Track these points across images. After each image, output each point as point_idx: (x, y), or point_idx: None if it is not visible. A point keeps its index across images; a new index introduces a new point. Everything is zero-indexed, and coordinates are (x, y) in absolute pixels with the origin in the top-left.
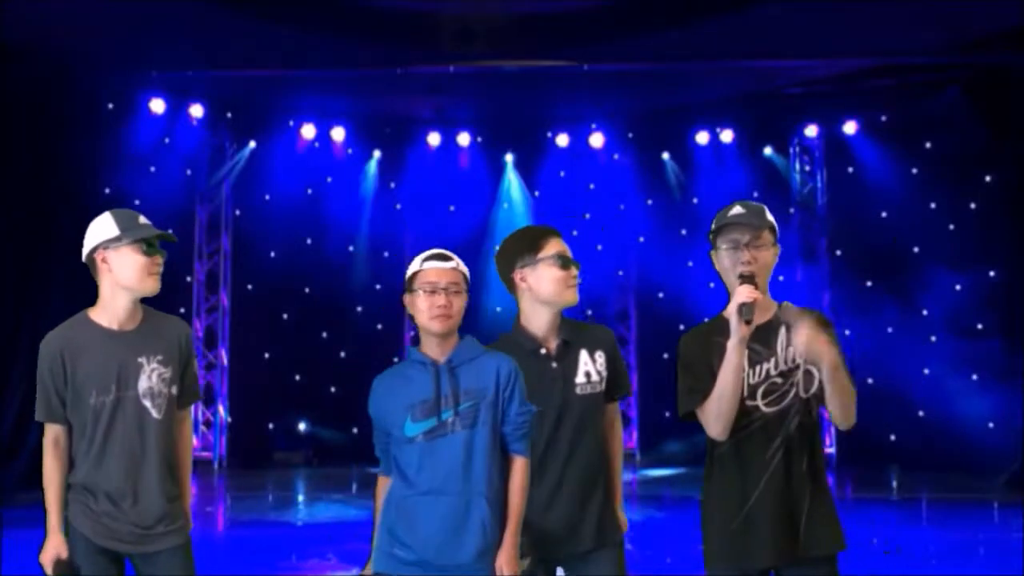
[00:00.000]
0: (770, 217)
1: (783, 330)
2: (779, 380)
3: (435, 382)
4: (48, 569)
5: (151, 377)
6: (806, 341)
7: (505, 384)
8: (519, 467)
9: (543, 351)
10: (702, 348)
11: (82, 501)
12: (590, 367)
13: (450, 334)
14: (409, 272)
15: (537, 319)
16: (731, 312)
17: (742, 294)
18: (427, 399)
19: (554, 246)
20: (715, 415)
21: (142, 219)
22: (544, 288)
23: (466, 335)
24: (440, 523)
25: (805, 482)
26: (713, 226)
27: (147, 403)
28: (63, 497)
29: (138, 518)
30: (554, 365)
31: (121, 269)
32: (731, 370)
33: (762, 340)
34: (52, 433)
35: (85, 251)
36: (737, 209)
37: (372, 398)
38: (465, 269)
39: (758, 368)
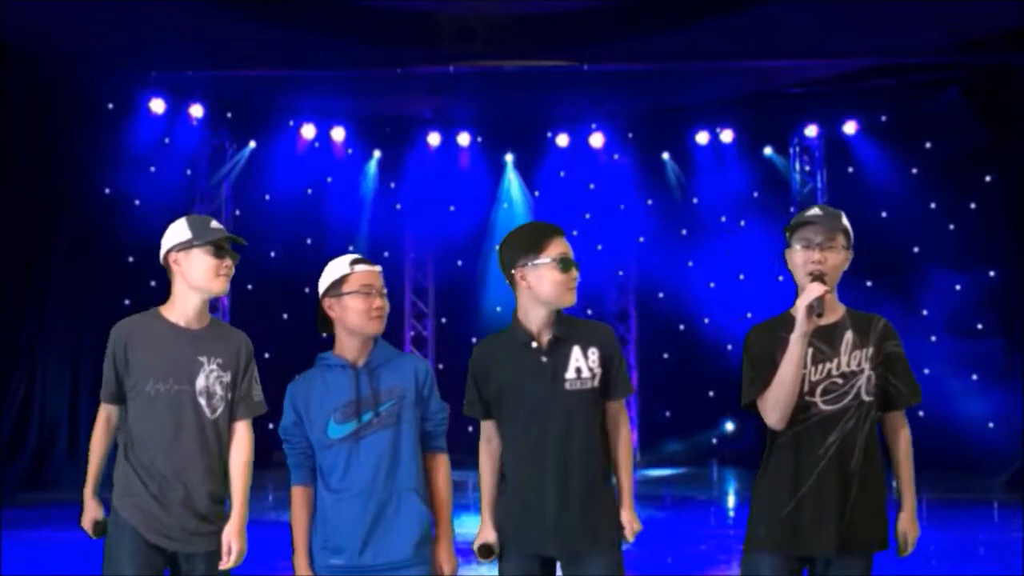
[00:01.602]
0: (846, 222)
1: (849, 334)
2: (839, 380)
3: (355, 384)
4: (90, 531)
5: (208, 377)
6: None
7: (423, 383)
8: (442, 463)
9: (534, 345)
10: (768, 341)
11: (134, 491)
12: (582, 363)
13: (376, 334)
14: (335, 275)
15: (533, 315)
16: (800, 306)
17: (813, 290)
18: (348, 401)
19: (556, 247)
20: (772, 404)
21: (214, 224)
22: (543, 289)
23: (379, 339)
24: (373, 523)
25: (855, 479)
26: (790, 223)
27: (202, 401)
28: (101, 470)
29: (187, 513)
30: (543, 359)
31: (192, 271)
32: (792, 362)
33: (827, 340)
34: (105, 411)
35: (161, 253)
36: (815, 210)
37: (290, 405)
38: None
39: (820, 367)
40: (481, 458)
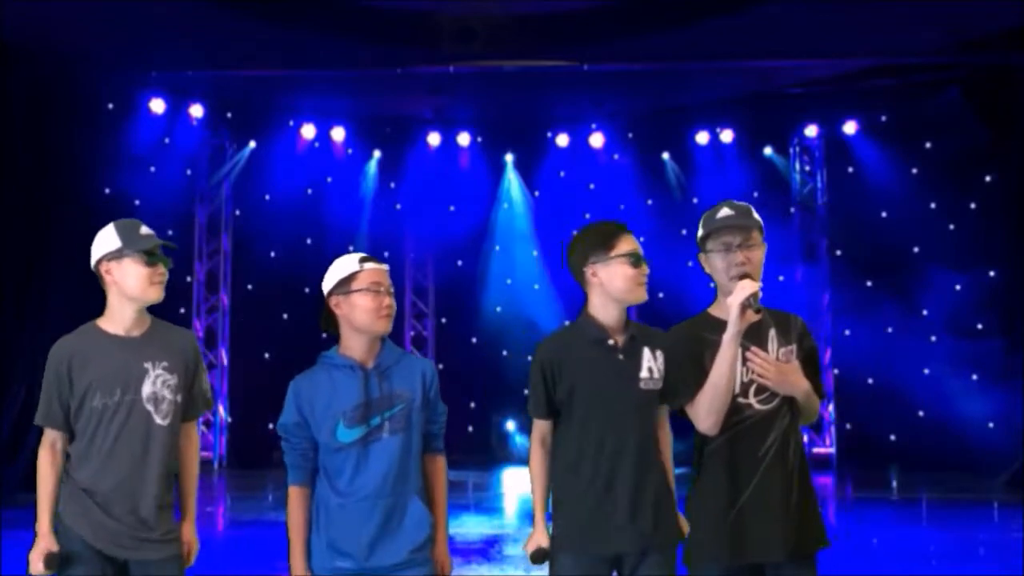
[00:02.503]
0: (756, 215)
1: (773, 331)
2: None
3: (364, 387)
4: (39, 566)
5: (155, 383)
6: (776, 379)
7: (430, 385)
8: (441, 464)
9: (611, 342)
10: (696, 344)
11: (80, 503)
12: (652, 364)
13: (383, 334)
14: (344, 272)
15: (606, 313)
16: (732, 304)
17: (747, 287)
18: (358, 404)
19: (627, 244)
20: (707, 409)
21: (144, 229)
22: (615, 284)
23: (385, 338)
24: (381, 526)
25: (795, 480)
26: (702, 230)
27: (150, 408)
28: (55, 501)
29: (135, 522)
30: (621, 357)
31: (124, 280)
32: (727, 362)
33: (755, 339)
34: (50, 438)
35: (92, 262)
36: (725, 211)
37: (293, 404)
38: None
39: (749, 366)
40: (535, 459)
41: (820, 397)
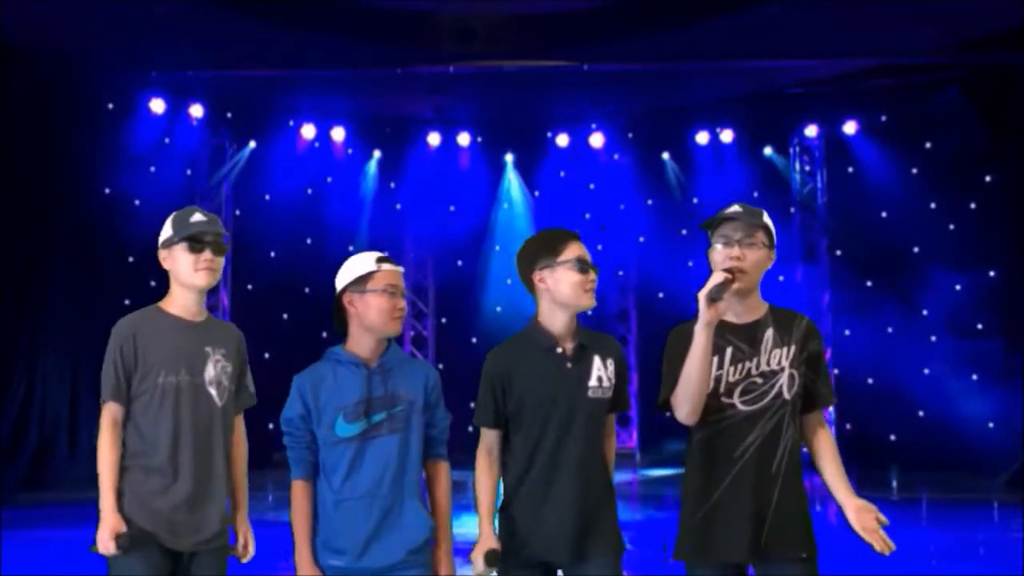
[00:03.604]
0: (767, 220)
1: (770, 332)
2: (759, 380)
3: (367, 384)
4: (111, 546)
5: (216, 367)
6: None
7: (431, 391)
8: (443, 471)
9: (559, 351)
10: (685, 341)
11: (138, 492)
12: (602, 372)
13: (392, 335)
14: (360, 270)
15: (555, 320)
16: (700, 296)
17: (714, 278)
18: (359, 400)
19: (574, 250)
20: (681, 398)
21: (196, 216)
22: (562, 291)
23: (391, 340)
24: (376, 525)
25: (775, 482)
26: (710, 220)
27: (213, 391)
28: (118, 477)
29: (201, 507)
30: (569, 366)
31: (176, 267)
32: (696, 353)
33: (747, 339)
34: (111, 413)
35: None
36: (735, 208)
37: (298, 397)
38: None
39: (740, 366)
40: (481, 467)
41: (829, 402)
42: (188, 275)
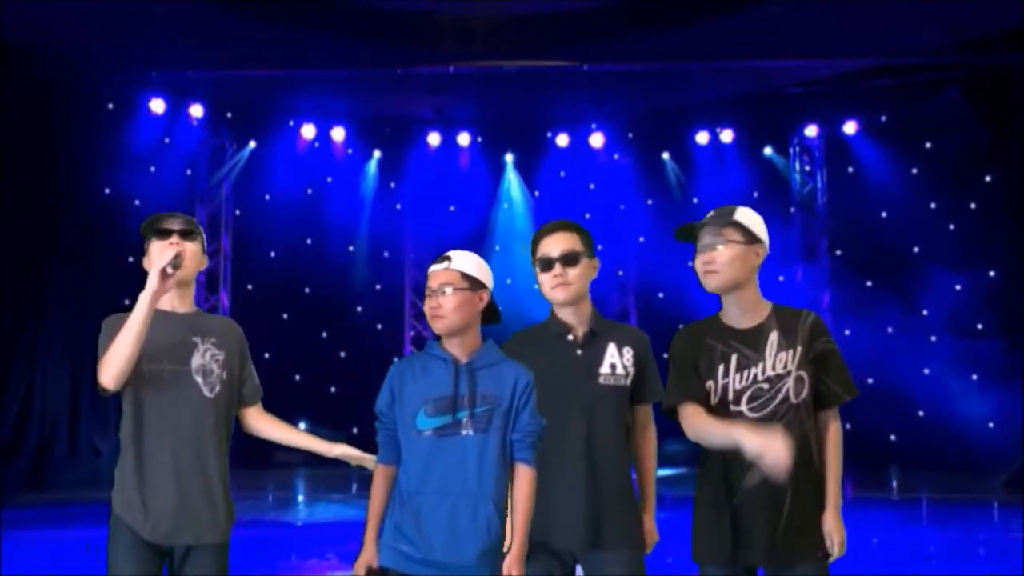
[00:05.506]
0: (740, 216)
1: (774, 335)
2: (765, 386)
3: (454, 381)
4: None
5: (205, 355)
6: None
7: (521, 394)
8: (525, 475)
9: (570, 338)
10: (691, 346)
11: (128, 488)
12: (616, 360)
13: (453, 333)
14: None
15: (560, 311)
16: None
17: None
18: (443, 396)
19: (543, 247)
20: (690, 430)
21: (166, 215)
22: (541, 288)
23: (487, 339)
24: (447, 523)
25: (787, 487)
26: (687, 235)
27: (199, 379)
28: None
29: (194, 497)
30: (579, 352)
31: (151, 261)
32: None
33: (751, 344)
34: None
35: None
36: (709, 214)
37: (388, 384)
38: (463, 265)
39: (745, 373)
40: None
41: (842, 399)
42: (158, 256)
